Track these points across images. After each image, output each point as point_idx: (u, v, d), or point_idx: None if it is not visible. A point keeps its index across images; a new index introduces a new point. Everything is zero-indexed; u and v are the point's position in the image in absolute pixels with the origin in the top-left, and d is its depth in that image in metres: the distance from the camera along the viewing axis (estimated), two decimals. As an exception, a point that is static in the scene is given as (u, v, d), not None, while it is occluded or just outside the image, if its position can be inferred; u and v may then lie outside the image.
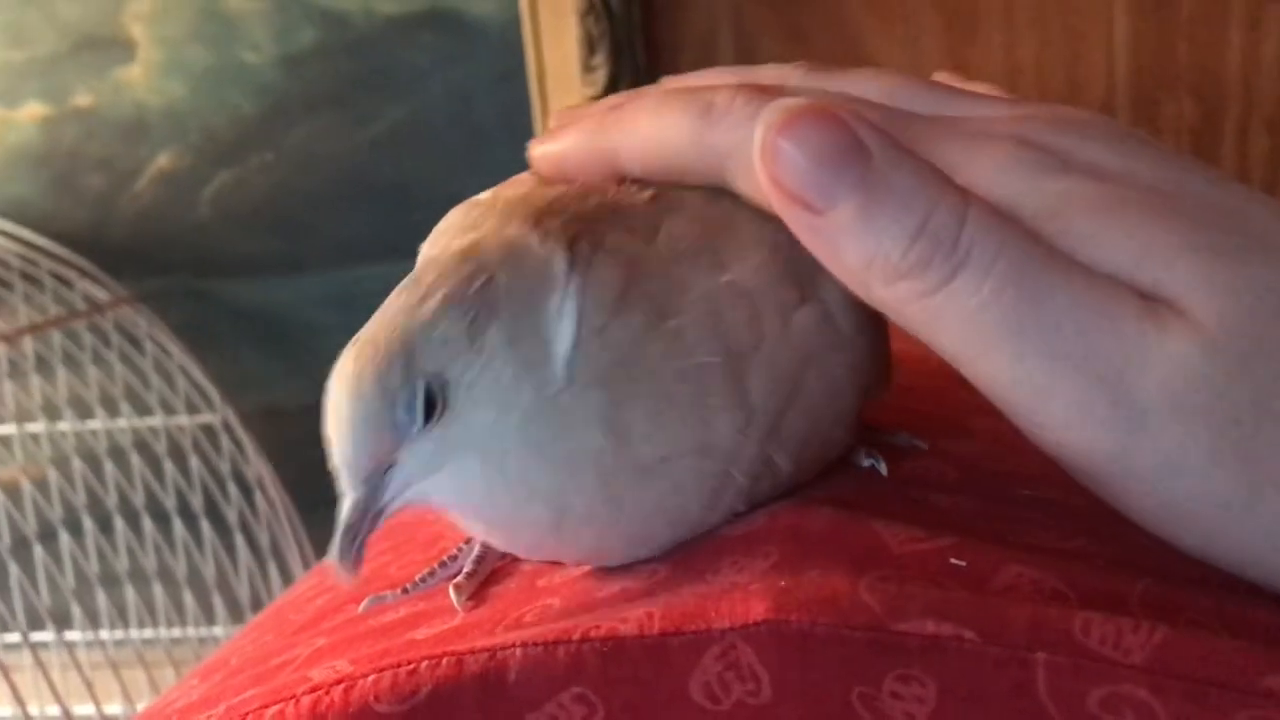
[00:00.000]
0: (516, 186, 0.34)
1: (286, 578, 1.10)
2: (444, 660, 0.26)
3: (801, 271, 0.30)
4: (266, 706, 0.27)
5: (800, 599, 0.25)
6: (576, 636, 0.25)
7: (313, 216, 1.12)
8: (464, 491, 0.29)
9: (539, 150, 0.33)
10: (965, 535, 0.28)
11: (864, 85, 0.31)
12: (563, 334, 0.28)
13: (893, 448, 0.35)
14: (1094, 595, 0.26)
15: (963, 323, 0.25)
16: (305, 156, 1.11)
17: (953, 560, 0.27)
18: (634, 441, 0.28)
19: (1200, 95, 0.96)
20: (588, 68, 1.01)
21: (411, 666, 0.26)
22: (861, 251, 0.25)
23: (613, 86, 1.00)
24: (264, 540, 1.10)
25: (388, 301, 0.29)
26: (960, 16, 1.00)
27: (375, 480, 0.28)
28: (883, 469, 0.33)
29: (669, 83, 0.35)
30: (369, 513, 0.28)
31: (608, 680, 0.25)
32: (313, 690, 0.27)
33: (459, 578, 0.33)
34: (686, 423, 0.29)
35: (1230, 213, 0.26)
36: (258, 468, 1.10)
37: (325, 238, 1.11)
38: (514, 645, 0.26)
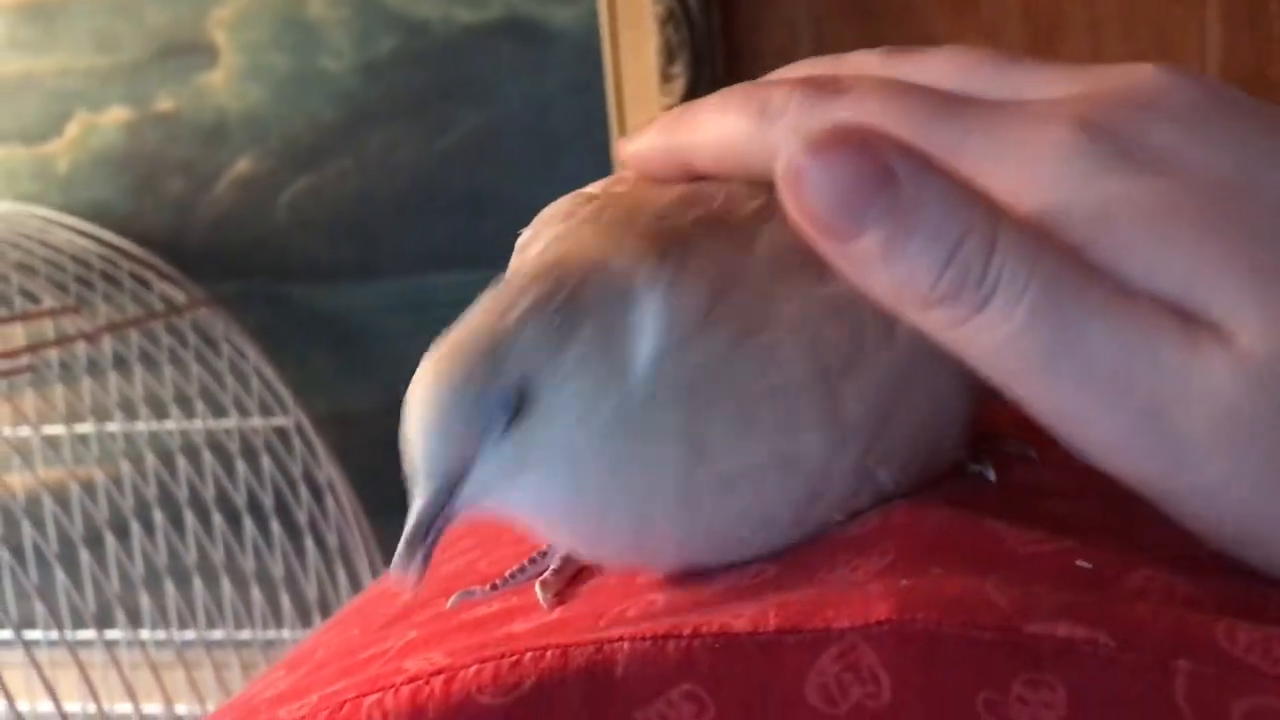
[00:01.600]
0: (622, 185, 0.34)
1: (354, 581, 1.10)
2: (549, 652, 0.25)
3: None
4: (364, 696, 0.27)
5: (925, 598, 0.24)
6: (688, 632, 0.25)
7: (388, 223, 1.12)
8: (541, 501, 0.29)
9: (627, 149, 0.34)
10: (1087, 539, 0.27)
11: (940, 67, 0.30)
12: (644, 345, 0.28)
13: (1003, 455, 0.34)
14: (1229, 602, 0.24)
15: (995, 352, 0.24)
16: (382, 163, 1.12)
17: (1078, 562, 0.26)
18: (714, 455, 0.28)
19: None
20: (666, 77, 1.01)
21: (515, 658, 0.26)
22: (890, 281, 0.24)
23: (691, 96, 0.99)
24: (333, 543, 1.10)
25: (475, 306, 0.29)
26: (1047, 29, 0.98)
27: (451, 482, 0.28)
28: (990, 475, 0.32)
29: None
30: (441, 514, 0.28)
31: (719, 678, 0.24)
32: (412, 680, 0.26)
33: (546, 574, 0.32)
34: (771, 439, 0.28)
35: None
36: (328, 471, 1.10)
37: (400, 244, 1.12)
38: (622, 639, 0.25)
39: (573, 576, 0.32)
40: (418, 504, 0.28)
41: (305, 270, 1.14)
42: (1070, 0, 1.01)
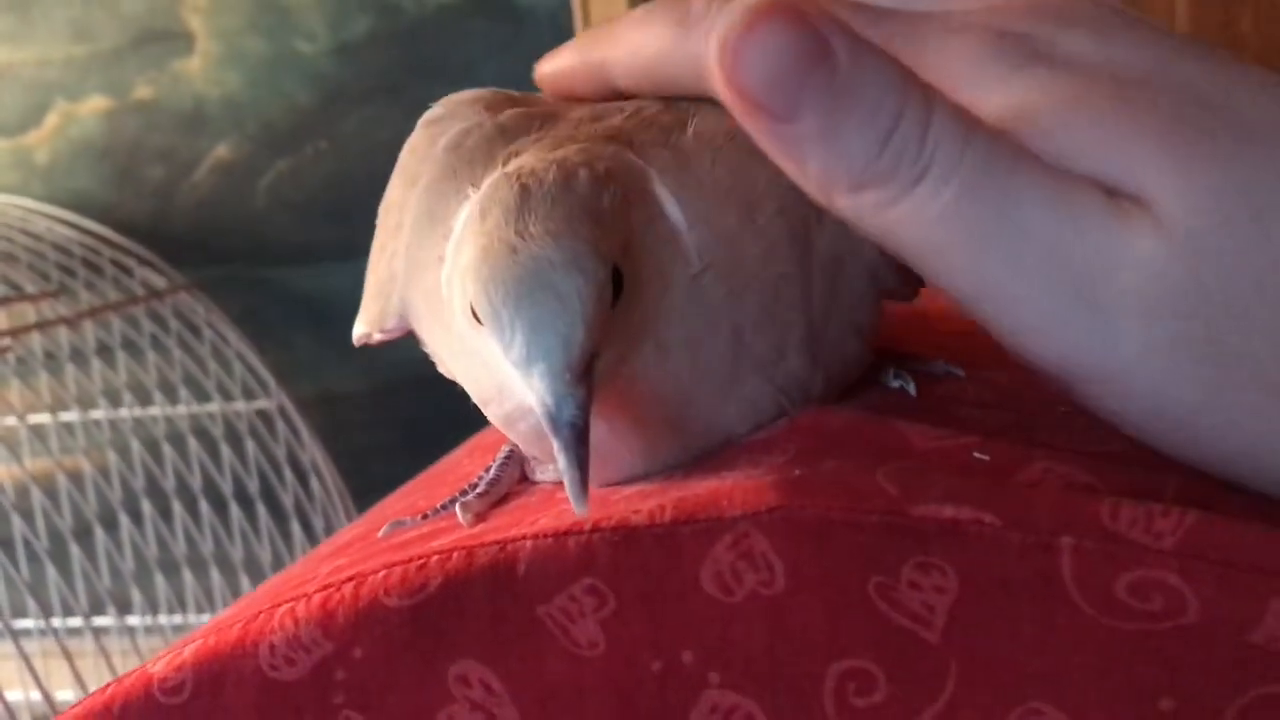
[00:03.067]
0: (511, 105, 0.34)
1: (341, 563, 1.10)
2: (454, 554, 0.26)
3: None
4: (278, 605, 0.27)
5: (815, 485, 0.24)
6: (587, 527, 0.25)
7: (367, 204, 1.12)
8: (642, 374, 0.27)
9: (544, 69, 0.34)
10: (994, 437, 0.27)
11: None
12: (674, 212, 0.28)
13: (928, 375, 0.34)
14: (1125, 490, 0.25)
15: (925, 231, 0.24)
16: (359, 145, 1.12)
17: (976, 454, 0.26)
18: (746, 339, 0.28)
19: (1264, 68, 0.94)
20: (638, 51, 1.01)
21: (421, 561, 0.26)
22: (826, 161, 0.24)
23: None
24: (319, 525, 1.11)
25: (499, 199, 0.27)
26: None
27: (585, 370, 0.25)
28: (911, 389, 0.32)
29: None
30: (586, 418, 0.25)
31: (619, 571, 0.24)
32: (324, 588, 0.27)
33: (469, 497, 0.33)
34: (778, 329, 0.29)
35: (1217, 102, 0.24)
36: (312, 453, 1.10)
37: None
38: (524, 538, 0.25)
39: (497, 501, 0.33)
40: (563, 408, 0.25)
41: (285, 253, 1.15)
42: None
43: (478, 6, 1.07)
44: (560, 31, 1.05)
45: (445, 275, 0.30)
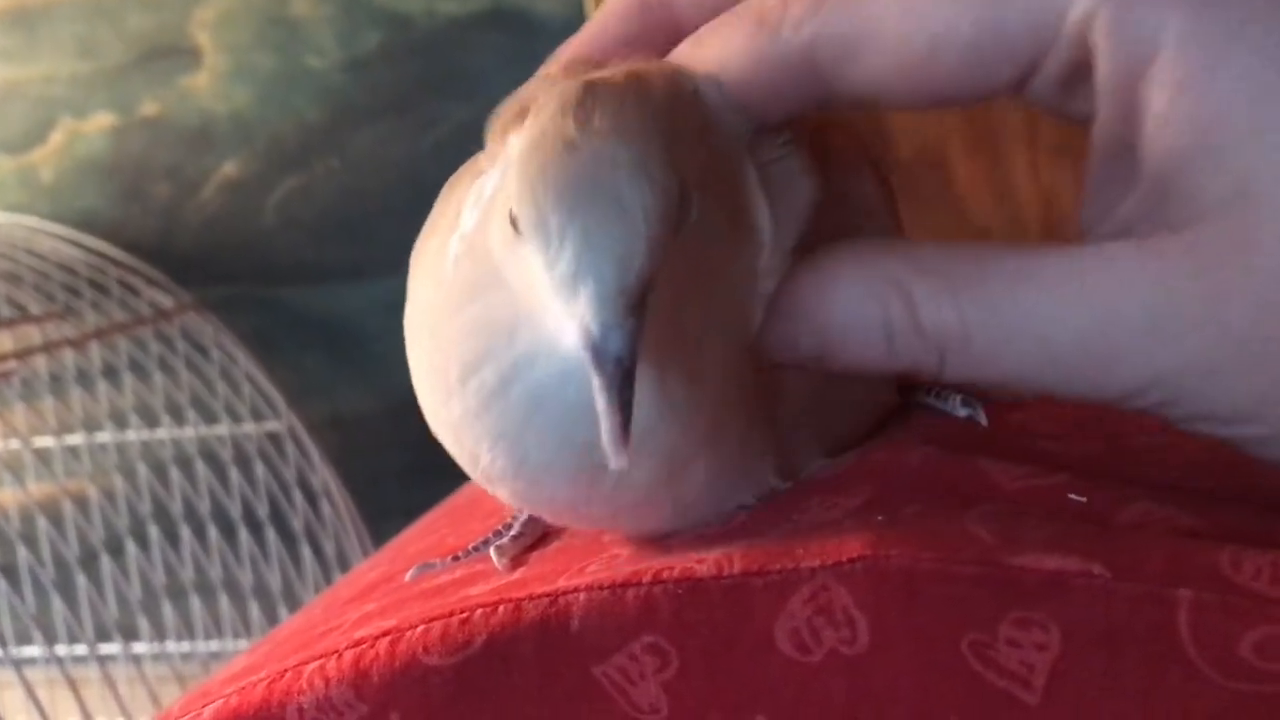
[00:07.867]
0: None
1: (352, 588, 1.08)
2: (500, 607, 0.24)
3: None
4: (306, 663, 0.25)
5: (901, 534, 0.22)
6: (648, 578, 0.23)
7: (378, 222, 1.10)
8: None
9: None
10: (1083, 475, 0.25)
11: None
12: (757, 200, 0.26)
13: (993, 403, 0.32)
14: (1233, 534, 0.22)
15: (982, 370, 0.24)
16: (370, 161, 1.10)
17: (1071, 495, 0.24)
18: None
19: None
20: (654, 64, 0.99)
21: (464, 615, 0.24)
22: (860, 364, 0.25)
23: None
24: (329, 549, 1.09)
25: (557, 93, 0.23)
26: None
27: (640, 311, 0.21)
28: (981, 418, 0.30)
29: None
30: (634, 354, 0.20)
31: (683, 627, 0.22)
32: (356, 645, 0.25)
33: (503, 540, 0.31)
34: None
35: None
36: (323, 475, 1.08)
37: (391, 243, 1.10)
38: (578, 589, 0.23)
39: (533, 544, 0.31)
40: (610, 339, 0.20)
41: (295, 272, 1.12)
42: None
43: (490, 18, 1.06)
44: (574, 45, 1.03)
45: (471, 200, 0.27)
